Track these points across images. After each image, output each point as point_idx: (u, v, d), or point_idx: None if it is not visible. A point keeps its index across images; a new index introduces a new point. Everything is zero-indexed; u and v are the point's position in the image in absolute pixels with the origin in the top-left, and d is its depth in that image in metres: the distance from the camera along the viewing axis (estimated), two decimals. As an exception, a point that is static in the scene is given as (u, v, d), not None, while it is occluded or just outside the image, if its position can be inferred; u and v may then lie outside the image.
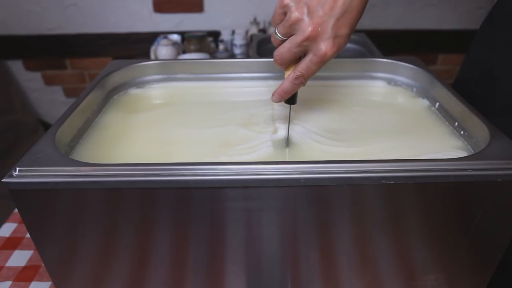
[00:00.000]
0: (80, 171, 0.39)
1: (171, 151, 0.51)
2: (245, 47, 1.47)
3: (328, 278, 0.47)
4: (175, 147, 0.52)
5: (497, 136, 0.44)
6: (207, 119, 0.58)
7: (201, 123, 0.57)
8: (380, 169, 0.39)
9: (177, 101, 0.64)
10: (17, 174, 0.38)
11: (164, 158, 0.49)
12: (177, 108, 0.61)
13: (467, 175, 0.40)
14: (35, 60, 1.54)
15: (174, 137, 0.54)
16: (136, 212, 0.41)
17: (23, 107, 1.51)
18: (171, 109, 0.61)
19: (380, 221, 0.43)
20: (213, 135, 0.54)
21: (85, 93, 0.55)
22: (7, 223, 0.65)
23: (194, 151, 0.51)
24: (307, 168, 0.39)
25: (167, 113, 0.60)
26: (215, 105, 0.63)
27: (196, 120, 0.58)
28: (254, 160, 0.49)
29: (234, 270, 0.46)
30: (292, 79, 0.47)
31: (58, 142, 0.44)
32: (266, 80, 0.68)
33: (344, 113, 0.60)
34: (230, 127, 0.56)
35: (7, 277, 0.56)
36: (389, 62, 0.68)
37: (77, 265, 0.45)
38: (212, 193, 0.40)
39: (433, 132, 0.55)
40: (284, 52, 0.47)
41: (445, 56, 1.58)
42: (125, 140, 0.53)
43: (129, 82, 0.65)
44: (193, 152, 0.51)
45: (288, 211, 0.42)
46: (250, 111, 0.60)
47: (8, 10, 1.43)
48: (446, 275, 0.48)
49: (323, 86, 0.67)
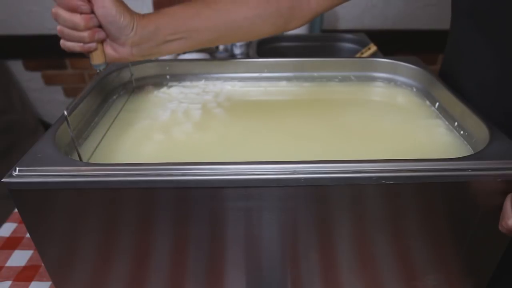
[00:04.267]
0: (80, 171, 0.39)
1: (172, 151, 0.51)
2: (245, 47, 1.46)
3: (328, 278, 0.47)
4: (175, 147, 0.52)
5: (497, 136, 0.44)
6: (207, 118, 0.58)
7: (202, 123, 0.57)
8: (380, 169, 0.39)
9: (177, 100, 0.64)
10: (17, 174, 0.38)
11: (165, 158, 0.49)
12: (177, 108, 0.61)
13: (467, 175, 0.40)
14: (35, 60, 1.54)
15: (175, 137, 0.54)
16: (136, 212, 0.41)
17: (23, 107, 1.50)
18: (171, 109, 0.61)
19: (380, 221, 0.43)
20: (213, 135, 0.54)
21: (85, 93, 0.55)
22: (7, 223, 0.65)
23: (196, 151, 0.51)
24: (307, 168, 0.39)
25: (168, 113, 0.60)
26: (217, 105, 0.63)
27: (197, 120, 0.58)
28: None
29: (234, 270, 0.46)
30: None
31: (58, 142, 0.44)
32: (265, 80, 0.68)
33: (344, 113, 0.60)
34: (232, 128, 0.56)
35: (7, 277, 0.56)
36: (389, 62, 0.68)
37: (77, 265, 0.45)
38: (212, 193, 0.40)
39: (433, 132, 0.55)
40: None
41: (445, 56, 1.58)
42: (125, 140, 0.53)
43: (129, 82, 0.65)
44: (195, 153, 0.51)
45: (288, 211, 0.42)
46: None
47: (8, 10, 1.43)
48: (446, 275, 0.48)
49: (323, 86, 0.67)
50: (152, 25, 0.48)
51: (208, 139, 0.53)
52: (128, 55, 0.49)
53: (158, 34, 0.49)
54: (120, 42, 0.48)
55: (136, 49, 0.49)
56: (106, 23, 0.46)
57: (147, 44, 0.49)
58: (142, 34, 0.48)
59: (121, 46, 0.48)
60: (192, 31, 0.51)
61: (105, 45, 0.49)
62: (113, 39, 0.48)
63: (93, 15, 0.45)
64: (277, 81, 0.68)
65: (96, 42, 0.47)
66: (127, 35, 0.47)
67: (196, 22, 0.51)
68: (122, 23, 0.46)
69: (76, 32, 0.45)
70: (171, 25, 0.50)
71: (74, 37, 0.46)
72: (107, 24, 0.46)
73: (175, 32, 0.50)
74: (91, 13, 0.45)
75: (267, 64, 0.68)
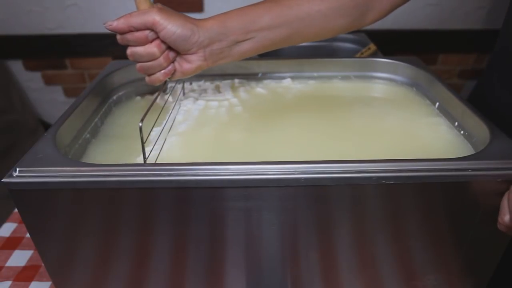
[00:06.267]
0: (80, 171, 0.39)
1: (173, 152, 0.51)
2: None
3: (328, 278, 0.47)
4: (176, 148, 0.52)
5: (497, 136, 0.44)
6: (208, 118, 0.58)
7: (203, 123, 0.57)
8: (380, 169, 0.39)
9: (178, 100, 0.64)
10: (17, 174, 0.38)
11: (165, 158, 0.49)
12: (178, 108, 0.61)
13: (467, 175, 0.40)
14: (35, 60, 1.54)
15: (175, 138, 0.54)
16: (136, 212, 0.41)
17: (23, 107, 1.50)
18: (172, 109, 0.61)
19: (380, 221, 0.43)
20: (213, 135, 0.54)
21: (85, 93, 0.55)
22: (7, 223, 0.65)
23: (198, 151, 0.51)
24: (307, 168, 0.39)
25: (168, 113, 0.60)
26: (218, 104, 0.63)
27: (199, 119, 0.58)
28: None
29: (234, 270, 0.46)
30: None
31: (58, 142, 0.44)
32: (266, 80, 0.68)
33: (344, 113, 0.60)
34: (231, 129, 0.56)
35: (7, 277, 0.56)
36: (389, 62, 0.68)
37: (77, 265, 0.45)
38: (212, 193, 0.40)
39: (432, 132, 0.54)
40: None
41: (445, 56, 1.58)
42: (126, 140, 0.53)
43: (129, 82, 0.65)
44: (195, 153, 0.51)
45: (288, 211, 0.42)
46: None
47: (8, 10, 1.43)
48: (446, 275, 0.48)
49: (323, 85, 0.67)
50: (220, 25, 0.48)
51: (207, 139, 0.53)
52: (202, 63, 0.49)
53: (228, 34, 0.48)
54: (192, 51, 0.48)
55: (208, 53, 0.49)
56: (172, 41, 0.47)
57: (218, 46, 0.49)
58: (210, 35, 0.48)
59: (194, 55, 0.49)
60: (263, 30, 0.50)
61: (178, 62, 0.50)
62: (184, 53, 0.49)
63: (159, 39, 0.47)
64: (276, 80, 0.68)
65: (172, 63, 0.49)
66: (194, 42, 0.47)
67: (267, 19, 0.49)
68: (186, 34, 0.46)
69: (155, 62, 0.48)
70: (242, 24, 0.49)
71: (154, 68, 0.48)
72: (174, 42, 0.47)
73: (246, 31, 0.49)
74: (158, 38, 0.47)
75: (266, 64, 0.68)
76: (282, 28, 0.50)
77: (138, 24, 0.46)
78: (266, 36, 0.50)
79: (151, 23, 0.45)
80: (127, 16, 0.46)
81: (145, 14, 0.46)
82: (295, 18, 0.50)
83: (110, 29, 0.46)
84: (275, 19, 0.50)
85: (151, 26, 0.46)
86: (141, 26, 0.46)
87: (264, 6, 0.50)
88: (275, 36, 0.51)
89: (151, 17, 0.45)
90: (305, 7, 0.50)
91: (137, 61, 0.48)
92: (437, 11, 1.48)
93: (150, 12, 0.46)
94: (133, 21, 0.46)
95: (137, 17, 0.46)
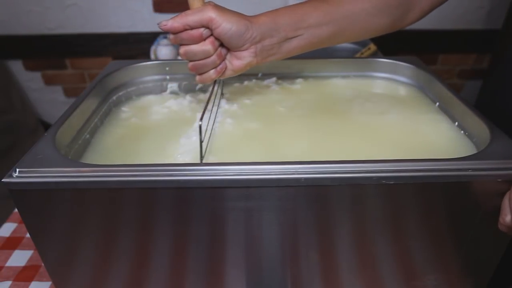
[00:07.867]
0: (79, 171, 0.39)
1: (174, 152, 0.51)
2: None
3: (328, 278, 0.47)
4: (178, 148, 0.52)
5: (498, 136, 0.44)
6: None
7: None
8: (380, 169, 0.39)
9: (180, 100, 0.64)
10: (17, 174, 0.38)
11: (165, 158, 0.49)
12: (178, 108, 0.61)
13: (467, 175, 0.40)
14: (35, 60, 1.54)
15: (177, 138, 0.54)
16: (136, 213, 0.41)
17: (23, 107, 1.50)
18: (172, 109, 0.61)
19: (380, 221, 0.43)
20: (212, 135, 0.54)
21: (85, 93, 0.55)
22: (7, 223, 0.65)
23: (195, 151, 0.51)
24: (307, 168, 0.39)
25: (168, 113, 0.60)
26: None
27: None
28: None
29: (234, 270, 0.46)
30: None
31: (58, 142, 0.44)
32: (265, 80, 0.68)
33: (344, 112, 0.60)
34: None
35: (7, 277, 0.56)
36: (389, 62, 0.68)
37: (77, 265, 0.45)
38: (212, 193, 0.40)
39: (432, 132, 0.54)
40: None
41: (445, 56, 1.58)
42: (126, 140, 0.53)
43: (129, 82, 0.65)
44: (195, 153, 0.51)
45: (288, 211, 0.42)
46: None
47: (8, 10, 1.43)
48: (446, 275, 0.48)
49: (323, 85, 0.67)
50: (272, 21, 0.49)
51: (212, 139, 0.53)
52: (253, 59, 0.50)
53: (279, 30, 0.49)
54: (244, 48, 0.49)
55: (259, 49, 0.49)
56: (227, 38, 0.47)
57: (269, 42, 0.49)
58: (262, 30, 0.48)
59: (246, 51, 0.49)
60: (312, 27, 0.50)
61: (229, 59, 0.50)
62: (236, 49, 0.49)
63: (213, 37, 0.47)
64: (277, 80, 0.68)
65: (223, 60, 0.49)
66: (248, 38, 0.48)
67: (315, 17, 0.50)
68: (241, 30, 0.47)
69: (209, 59, 0.48)
70: (291, 21, 0.50)
71: (208, 65, 0.48)
72: (229, 39, 0.47)
73: (296, 28, 0.50)
74: (211, 35, 0.47)
75: (266, 64, 0.68)
76: (329, 25, 0.51)
77: (194, 23, 0.46)
78: (313, 33, 0.51)
79: (207, 21, 0.45)
80: (182, 15, 0.46)
81: (201, 12, 0.46)
82: (341, 16, 0.51)
83: (165, 29, 0.46)
84: (323, 16, 0.51)
85: (207, 24, 0.46)
86: (197, 24, 0.46)
87: (312, 4, 0.51)
88: (322, 34, 0.51)
89: (207, 14, 0.45)
90: (350, 5, 0.52)
91: (190, 60, 0.48)
92: (437, 11, 1.48)
93: (206, 10, 0.46)
94: (189, 19, 0.46)
95: (193, 15, 0.46)
